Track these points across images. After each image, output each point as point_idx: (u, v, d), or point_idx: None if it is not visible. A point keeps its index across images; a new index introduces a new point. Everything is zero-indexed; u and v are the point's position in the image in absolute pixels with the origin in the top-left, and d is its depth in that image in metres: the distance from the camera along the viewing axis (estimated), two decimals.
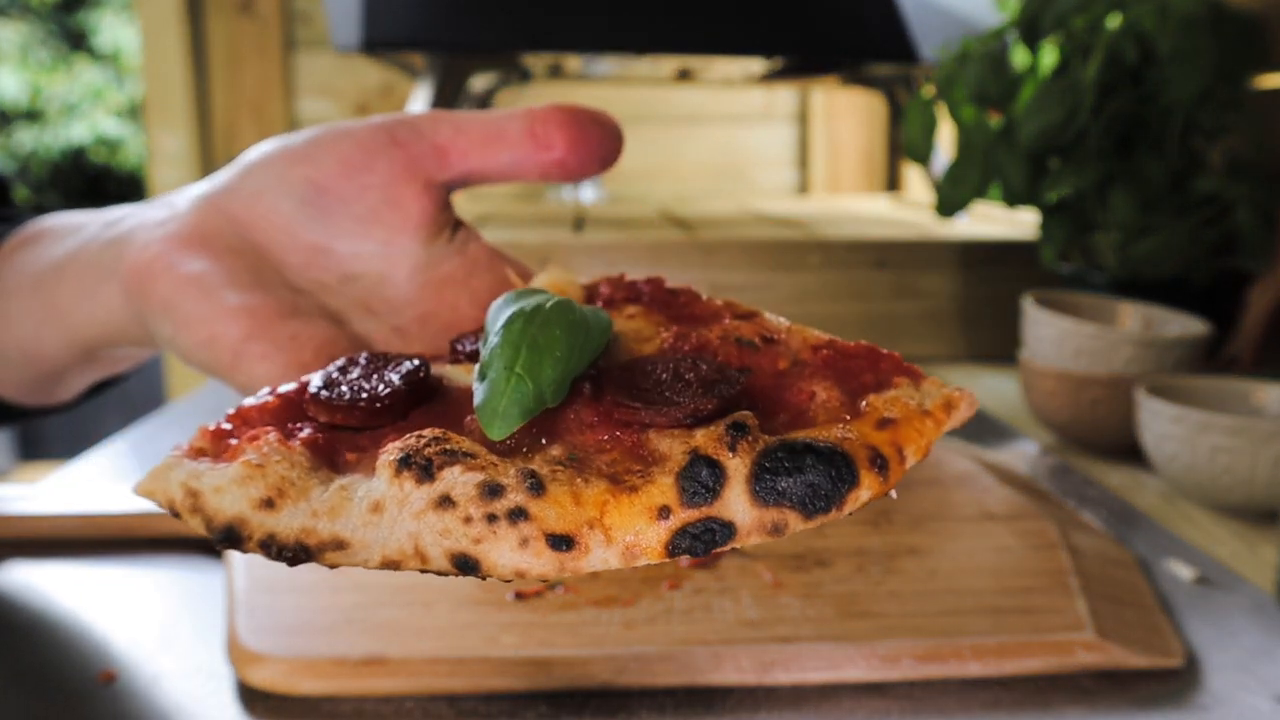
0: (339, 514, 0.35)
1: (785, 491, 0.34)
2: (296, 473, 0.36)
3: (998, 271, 1.38)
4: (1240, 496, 0.79)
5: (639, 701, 0.52)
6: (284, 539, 0.35)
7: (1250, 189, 1.06)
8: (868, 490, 0.35)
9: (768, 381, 0.40)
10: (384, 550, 0.34)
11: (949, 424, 0.38)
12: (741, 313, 0.44)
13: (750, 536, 0.34)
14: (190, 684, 0.54)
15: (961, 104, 1.23)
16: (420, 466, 0.34)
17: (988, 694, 0.54)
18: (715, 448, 0.35)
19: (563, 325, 0.39)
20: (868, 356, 0.40)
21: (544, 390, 0.37)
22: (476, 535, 0.33)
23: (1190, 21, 1.04)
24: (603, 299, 0.46)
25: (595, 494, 0.34)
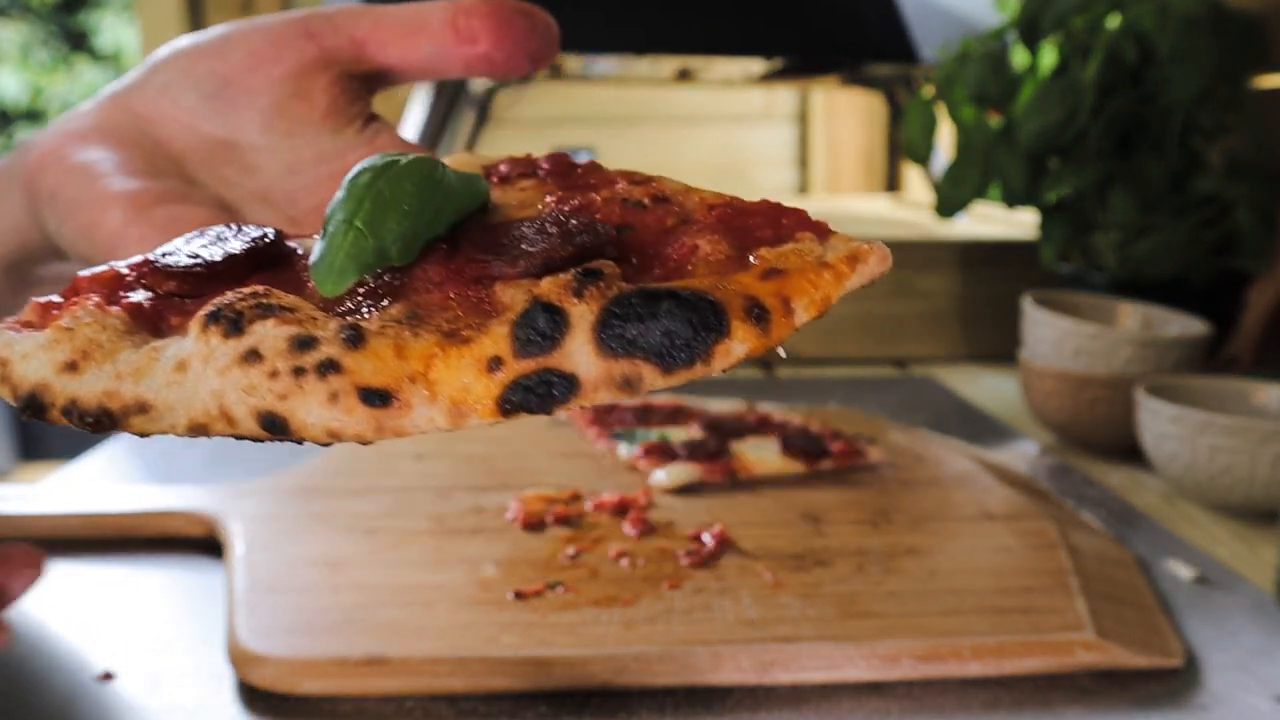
0: (144, 375, 0.32)
1: (636, 340, 0.30)
2: (107, 335, 0.34)
3: (998, 271, 1.38)
4: (1240, 496, 0.79)
5: (639, 701, 0.53)
6: (85, 404, 0.32)
7: (1250, 189, 1.06)
8: (742, 342, 0.31)
9: (649, 238, 0.36)
10: (189, 412, 0.31)
11: (853, 278, 0.34)
12: (639, 178, 0.40)
13: (597, 391, 0.30)
14: (190, 684, 0.54)
15: (961, 104, 1.23)
16: (229, 320, 0.32)
17: (987, 694, 0.54)
18: (559, 294, 0.31)
19: (416, 180, 0.36)
20: (768, 213, 0.36)
21: (386, 245, 0.34)
22: (282, 390, 0.30)
23: (1190, 21, 1.04)
24: (499, 176, 0.43)
25: (421, 346, 0.31)
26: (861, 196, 2.57)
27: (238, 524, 0.70)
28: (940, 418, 1.07)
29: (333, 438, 0.30)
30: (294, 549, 0.66)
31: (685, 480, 0.78)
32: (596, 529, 0.71)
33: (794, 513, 0.74)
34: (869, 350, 1.38)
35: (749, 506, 0.75)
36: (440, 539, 0.69)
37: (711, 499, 0.76)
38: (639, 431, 0.88)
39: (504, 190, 0.42)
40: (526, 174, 0.43)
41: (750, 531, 0.70)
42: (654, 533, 0.70)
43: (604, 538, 0.69)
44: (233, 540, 0.67)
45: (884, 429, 0.94)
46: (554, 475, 0.81)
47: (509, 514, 0.73)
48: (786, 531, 0.70)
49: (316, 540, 0.68)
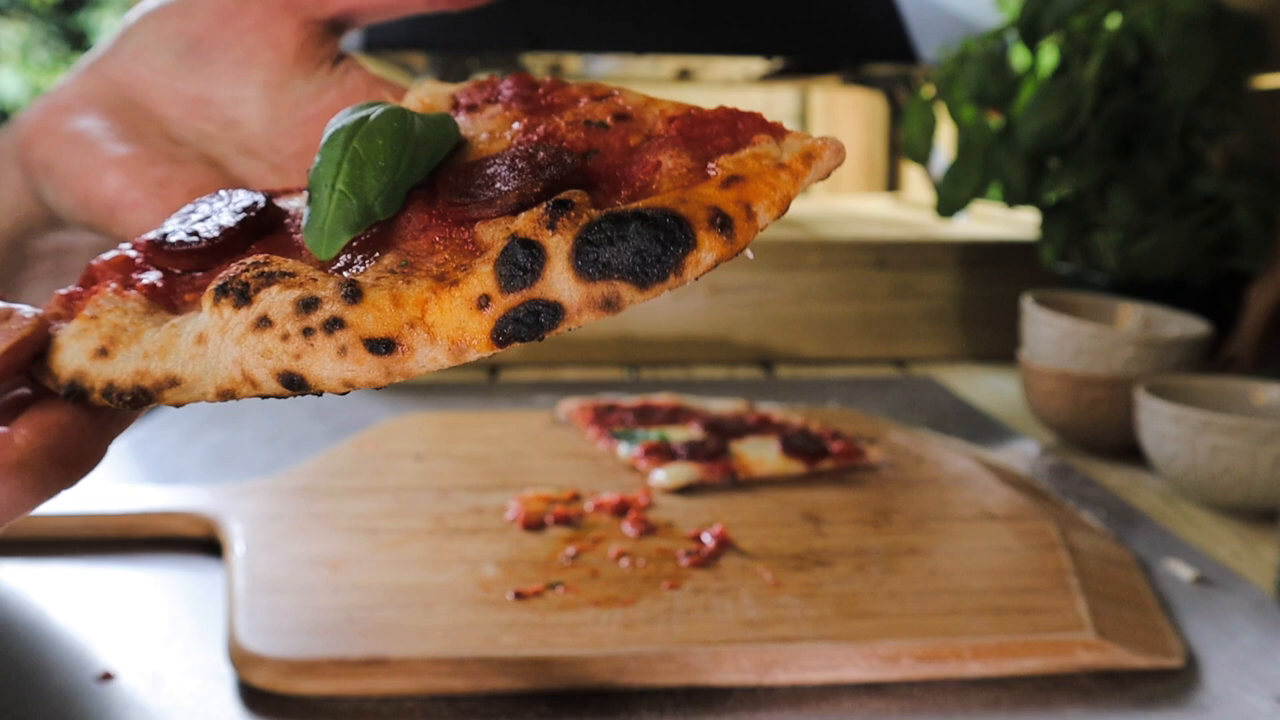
0: (169, 351, 0.35)
1: (611, 262, 0.33)
2: (130, 318, 0.37)
3: (998, 271, 1.38)
4: (1240, 496, 0.79)
5: (639, 701, 0.52)
6: (122, 385, 0.35)
7: (1250, 189, 1.06)
8: (710, 251, 0.33)
9: (614, 160, 0.38)
10: (216, 380, 0.34)
11: (809, 175, 0.36)
12: (600, 93, 0.42)
13: (583, 314, 0.33)
14: (190, 684, 0.54)
15: (961, 104, 1.23)
16: (237, 291, 0.34)
17: (988, 694, 0.54)
18: (534, 229, 0.34)
19: (387, 134, 0.38)
20: (725, 120, 0.38)
21: (370, 203, 0.37)
22: (295, 350, 0.33)
23: (1190, 21, 1.04)
24: (464, 107, 0.45)
25: (415, 293, 0.33)
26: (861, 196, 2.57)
27: (238, 524, 0.70)
28: (940, 418, 1.07)
29: (348, 386, 0.33)
30: (294, 549, 0.66)
31: (685, 480, 0.78)
32: (596, 529, 0.71)
33: (794, 513, 0.74)
34: (869, 350, 1.38)
35: (749, 506, 0.75)
36: (440, 539, 0.69)
37: (711, 499, 0.76)
38: (639, 431, 0.88)
39: (473, 119, 0.43)
40: (492, 99, 0.44)
41: (750, 531, 0.70)
42: (654, 533, 0.70)
43: (604, 538, 0.69)
44: (232, 540, 0.67)
45: (884, 429, 0.94)
46: (554, 475, 0.81)
47: (509, 514, 0.73)
48: (786, 531, 0.70)
49: (316, 540, 0.68)
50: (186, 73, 0.50)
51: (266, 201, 0.41)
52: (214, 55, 0.50)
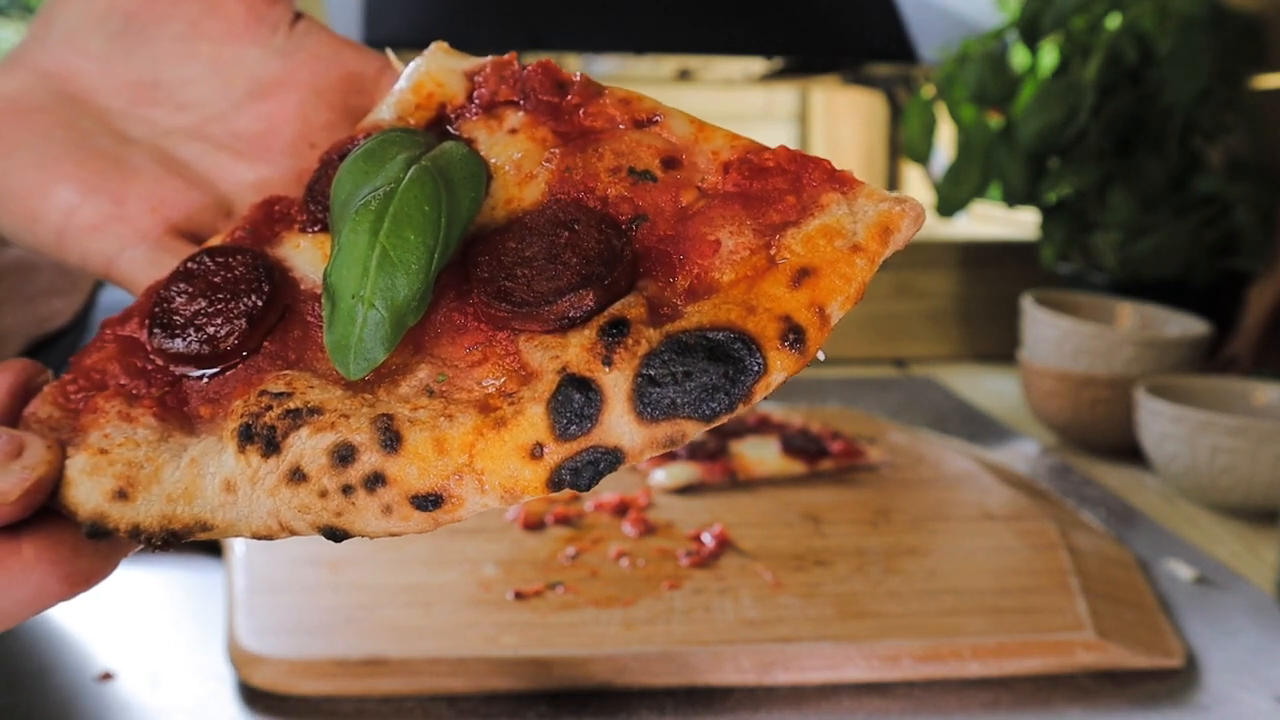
0: (194, 495, 0.33)
1: (677, 402, 0.30)
2: (144, 451, 0.34)
3: (998, 271, 1.38)
4: (1240, 496, 0.79)
5: (639, 701, 0.52)
6: (149, 528, 0.33)
7: (1250, 189, 1.06)
8: (781, 372, 0.31)
9: (666, 229, 0.34)
10: (251, 527, 0.32)
11: (886, 252, 0.32)
12: (641, 118, 0.38)
13: (643, 455, 0.31)
14: (190, 684, 0.54)
15: (961, 104, 1.23)
16: (264, 439, 0.32)
17: (988, 694, 0.54)
18: (588, 362, 0.31)
19: (418, 224, 0.34)
20: (788, 170, 0.35)
21: (402, 315, 0.33)
22: (336, 509, 0.31)
23: (1190, 22, 1.04)
24: (482, 102, 0.40)
25: (461, 437, 0.31)
26: None
27: None
28: (940, 418, 1.07)
29: (394, 535, 0.31)
30: (294, 549, 0.66)
31: (685, 480, 0.78)
32: (596, 529, 0.71)
33: (794, 513, 0.74)
34: (869, 350, 1.38)
35: (749, 506, 0.75)
36: (440, 539, 0.69)
37: (711, 499, 0.76)
38: None
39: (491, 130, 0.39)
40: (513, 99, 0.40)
41: (750, 531, 0.70)
42: (654, 533, 0.70)
43: (604, 538, 0.69)
44: (232, 540, 0.67)
45: (884, 429, 0.94)
46: None
47: (509, 514, 0.73)
48: (786, 531, 0.70)
49: (316, 540, 0.68)
50: (124, 54, 0.44)
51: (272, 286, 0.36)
52: (152, 31, 0.44)
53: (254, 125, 0.44)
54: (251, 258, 0.37)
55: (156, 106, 0.44)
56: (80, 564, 0.34)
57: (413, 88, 0.41)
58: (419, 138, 0.38)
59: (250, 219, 0.40)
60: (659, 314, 0.32)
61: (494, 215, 0.36)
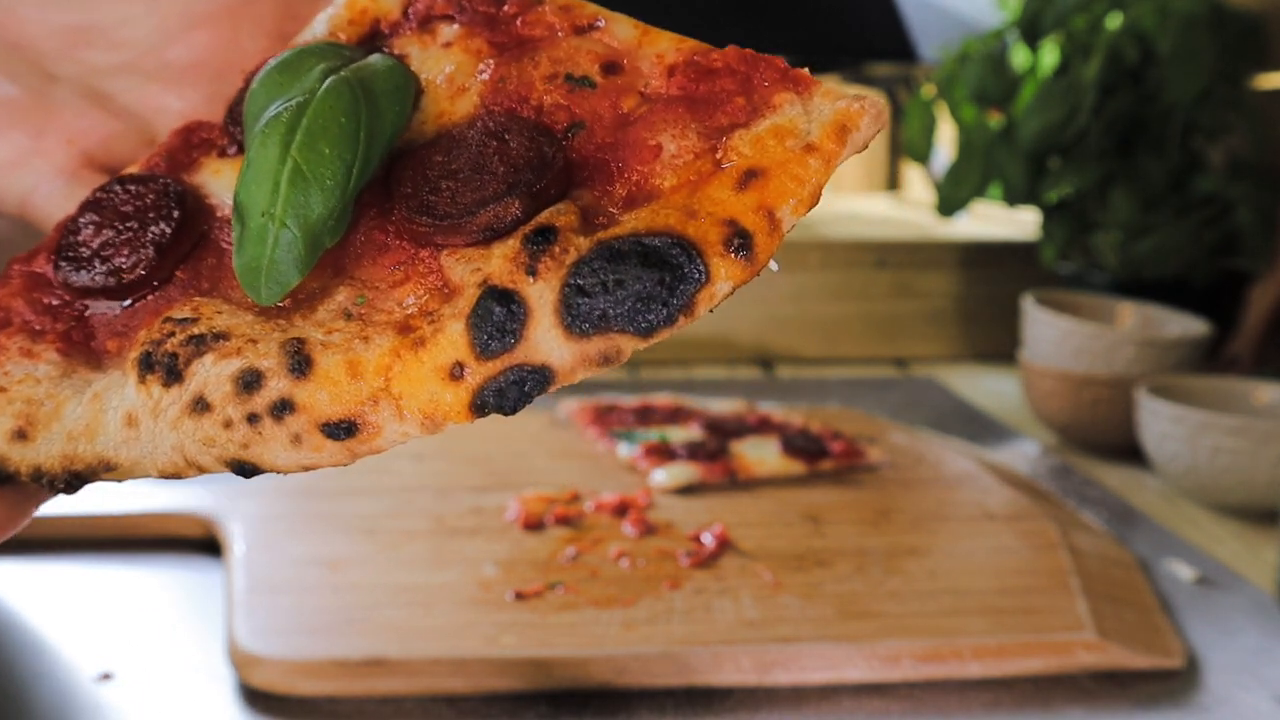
0: (96, 432, 0.31)
1: (608, 313, 0.27)
2: (45, 388, 0.32)
3: (998, 271, 1.38)
4: (1240, 496, 0.79)
5: (639, 702, 0.52)
6: (50, 469, 0.31)
7: (1250, 189, 1.06)
8: (726, 281, 0.28)
9: (605, 137, 0.32)
10: (156, 464, 0.30)
11: (845, 153, 0.29)
12: (582, 24, 0.35)
13: (574, 374, 0.28)
14: (189, 684, 0.54)
15: (962, 104, 1.23)
16: (165, 367, 0.30)
17: (988, 694, 0.53)
18: (511, 273, 0.28)
19: (334, 136, 0.31)
20: (738, 71, 0.32)
21: (317, 234, 0.31)
22: (242, 440, 0.29)
23: (1190, 21, 1.04)
24: (418, 16, 0.38)
25: (376, 359, 0.28)
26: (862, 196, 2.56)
27: (237, 524, 0.70)
28: (941, 418, 1.07)
29: (308, 469, 0.29)
30: (294, 549, 0.66)
31: (685, 480, 0.78)
32: (596, 529, 0.70)
33: (794, 513, 0.74)
34: (869, 350, 1.38)
35: (749, 507, 0.75)
36: (440, 539, 0.68)
37: (711, 499, 0.76)
38: (639, 431, 0.88)
39: (425, 44, 0.37)
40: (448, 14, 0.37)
41: (750, 532, 0.70)
42: (654, 533, 0.70)
43: (604, 538, 0.69)
44: (232, 540, 0.67)
45: (884, 429, 0.94)
46: (554, 475, 0.81)
47: (509, 514, 0.72)
48: (786, 532, 0.70)
49: (316, 540, 0.68)
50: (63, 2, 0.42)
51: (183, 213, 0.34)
52: None
53: (186, 55, 0.43)
54: (164, 184, 0.35)
55: (90, 47, 0.43)
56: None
57: (346, 3, 0.39)
58: (344, 51, 0.36)
59: (168, 146, 0.38)
60: (593, 224, 0.29)
61: (423, 130, 0.34)
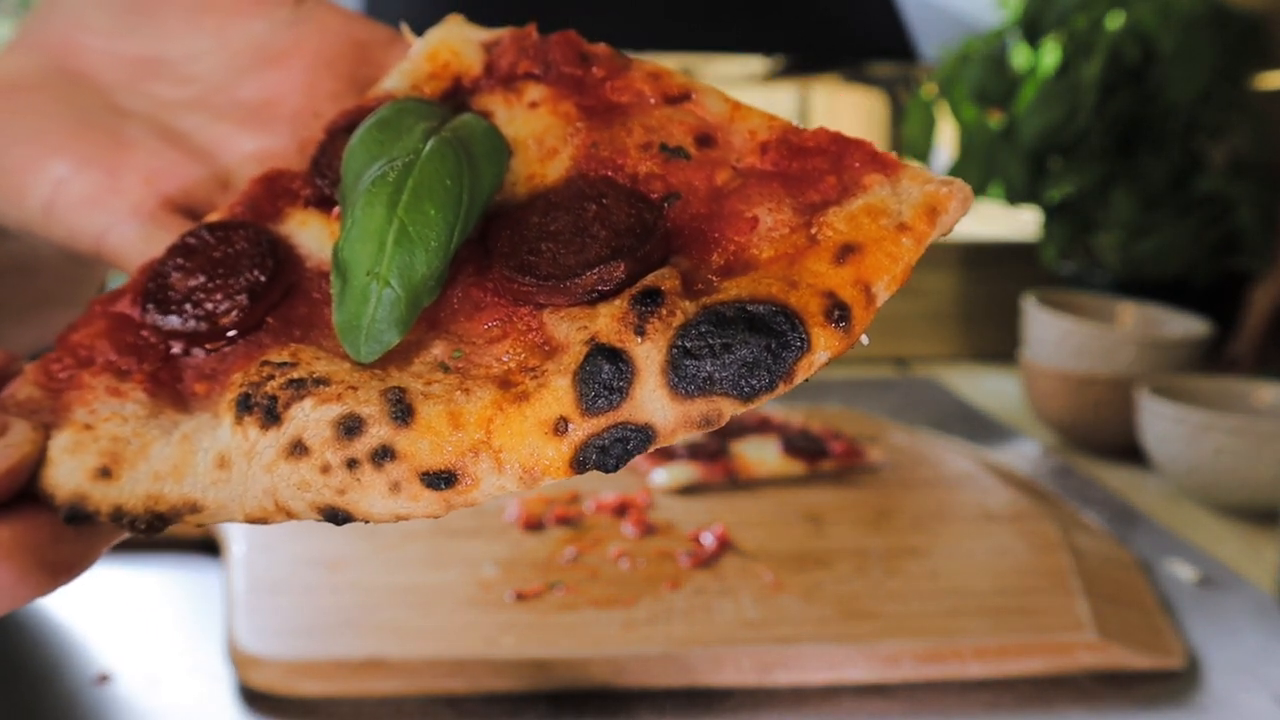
0: (184, 473, 0.30)
1: (712, 376, 0.28)
2: (131, 427, 0.32)
3: (998, 271, 1.38)
4: (1242, 497, 0.78)
5: (639, 702, 0.52)
6: (132, 509, 0.31)
7: (1251, 188, 1.05)
8: (825, 351, 0.28)
9: (700, 208, 0.32)
10: (244, 509, 0.30)
11: (934, 234, 0.30)
12: (673, 93, 0.36)
13: (674, 435, 0.28)
14: (189, 685, 0.54)
15: (962, 103, 1.23)
16: (264, 409, 0.29)
17: (989, 694, 0.53)
18: (619, 332, 0.28)
19: (439, 198, 0.32)
20: (828, 151, 0.32)
21: (418, 294, 0.31)
22: (339, 486, 0.29)
23: (1191, 21, 1.04)
24: (500, 75, 0.38)
25: (478, 411, 0.28)
26: None
27: (237, 525, 0.69)
28: (941, 418, 1.07)
29: (400, 519, 0.29)
30: (293, 549, 0.66)
31: (685, 480, 0.78)
32: (596, 529, 0.70)
33: (794, 513, 0.74)
34: (869, 350, 1.38)
35: (749, 507, 0.75)
36: (440, 539, 0.68)
37: (711, 499, 0.76)
38: None
39: (510, 104, 0.37)
40: (534, 71, 0.38)
41: (750, 532, 0.70)
42: (654, 533, 0.70)
43: (604, 538, 0.69)
44: (232, 541, 0.67)
45: (885, 429, 0.93)
46: None
47: (509, 514, 0.72)
48: (787, 532, 0.70)
49: (316, 541, 0.68)
50: (129, 32, 0.43)
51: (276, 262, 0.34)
52: (158, 7, 0.43)
53: (257, 94, 0.43)
54: (254, 232, 0.35)
55: (159, 81, 0.44)
56: (61, 552, 0.32)
57: (427, 55, 0.39)
58: (435, 108, 0.36)
59: (250, 194, 0.38)
60: (694, 289, 0.30)
61: (515, 192, 0.34)
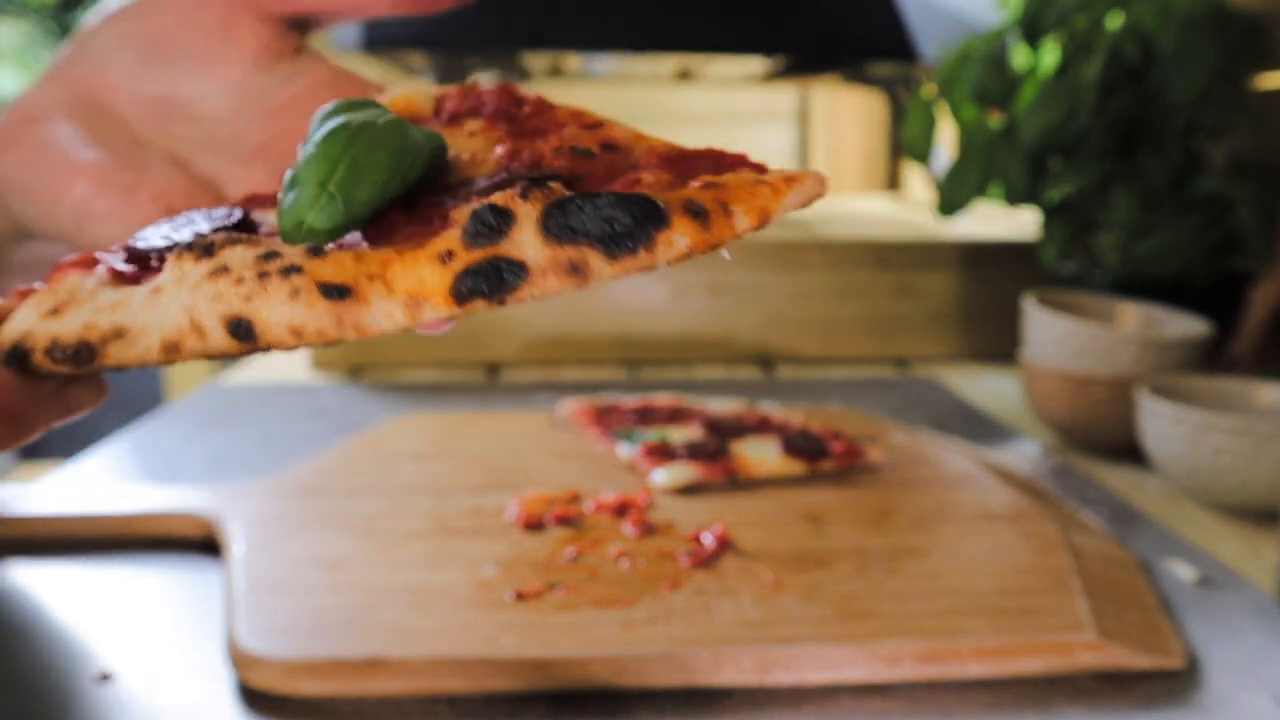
0: (121, 305, 0.34)
1: (579, 228, 0.32)
2: (91, 285, 0.36)
3: (998, 271, 1.38)
4: (1241, 497, 0.78)
5: (639, 703, 0.52)
6: (65, 339, 0.34)
7: (1251, 188, 1.05)
8: (683, 235, 0.33)
9: (595, 185, 0.38)
10: (162, 331, 0.33)
11: (789, 195, 0.36)
12: (589, 122, 0.42)
13: (548, 276, 0.32)
14: (189, 685, 0.54)
15: (962, 104, 1.23)
16: (202, 247, 0.34)
17: (989, 695, 0.53)
18: (506, 198, 0.33)
19: (390, 148, 0.38)
20: (710, 155, 0.38)
21: (355, 211, 0.36)
22: (247, 293, 0.32)
23: (1191, 21, 1.04)
24: (447, 114, 0.45)
25: (379, 254, 0.33)
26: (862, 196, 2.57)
27: (237, 524, 0.69)
28: (941, 418, 1.07)
29: (296, 336, 0.32)
30: (293, 549, 0.66)
31: (685, 480, 0.78)
32: (596, 529, 0.70)
33: (794, 513, 0.74)
34: (869, 350, 1.38)
35: (749, 507, 0.75)
36: (440, 539, 0.68)
37: (711, 499, 0.76)
38: (639, 431, 0.88)
39: (453, 134, 0.43)
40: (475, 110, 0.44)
41: (750, 532, 0.70)
42: (654, 533, 0.70)
43: (604, 538, 0.69)
44: (232, 541, 0.67)
45: (885, 429, 0.93)
46: (554, 475, 0.81)
47: (509, 514, 0.72)
48: (787, 532, 0.70)
49: (316, 540, 0.68)
50: (149, 75, 0.50)
51: (244, 214, 0.40)
52: (176, 55, 0.50)
53: (257, 137, 0.51)
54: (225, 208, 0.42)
55: (172, 119, 0.51)
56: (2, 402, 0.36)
57: (389, 101, 0.47)
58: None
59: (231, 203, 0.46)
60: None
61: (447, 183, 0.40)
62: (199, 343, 0.33)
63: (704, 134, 2.75)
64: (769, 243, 1.37)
